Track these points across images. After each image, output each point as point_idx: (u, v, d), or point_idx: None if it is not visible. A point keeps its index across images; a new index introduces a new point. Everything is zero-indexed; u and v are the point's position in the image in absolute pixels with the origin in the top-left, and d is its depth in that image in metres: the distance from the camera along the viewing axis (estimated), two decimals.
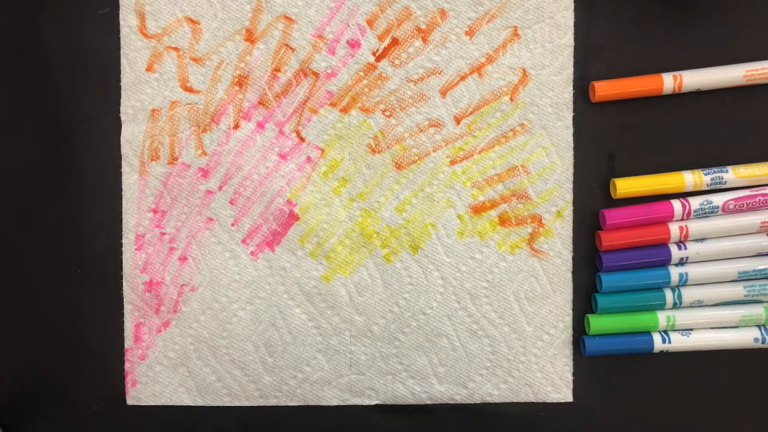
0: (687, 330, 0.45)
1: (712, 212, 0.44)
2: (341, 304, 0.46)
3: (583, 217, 0.46)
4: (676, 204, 0.44)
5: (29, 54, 0.46)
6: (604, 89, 0.45)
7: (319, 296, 0.46)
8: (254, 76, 0.46)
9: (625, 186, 0.45)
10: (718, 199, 0.44)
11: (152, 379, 0.47)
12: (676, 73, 0.44)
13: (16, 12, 0.46)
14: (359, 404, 0.46)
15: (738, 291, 0.45)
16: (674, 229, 0.44)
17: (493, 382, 0.46)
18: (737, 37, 0.46)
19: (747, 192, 0.44)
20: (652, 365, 0.46)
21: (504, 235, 0.46)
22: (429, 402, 0.46)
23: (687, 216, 0.44)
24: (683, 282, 0.44)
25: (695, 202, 0.44)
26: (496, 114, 0.45)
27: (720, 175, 0.44)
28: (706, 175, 0.44)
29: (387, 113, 0.46)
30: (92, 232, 0.47)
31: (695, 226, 0.44)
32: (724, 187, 0.44)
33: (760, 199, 0.44)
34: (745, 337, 0.45)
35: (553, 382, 0.46)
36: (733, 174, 0.44)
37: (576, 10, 0.45)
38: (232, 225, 0.46)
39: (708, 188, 0.45)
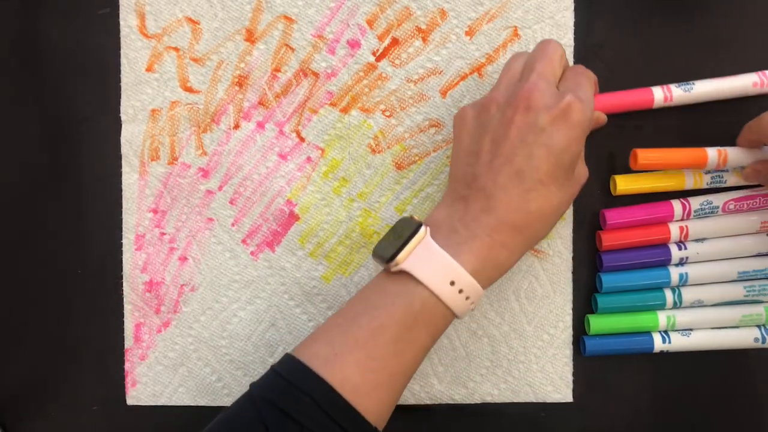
0: (687, 330, 0.45)
1: (712, 212, 0.44)
2: (341, 305, 0.46)
3: (583, 217, 0.46)
4: (677, 204, 0.44)
5: (29, 54, 0.46)
6: (647, 158, 0.44)
7: (319, 296, 0.46)
8: (254, 76, 0.46)
9: (625, 183, 0.45)
10: (718, 200, 0.44)
11: (152, 379, 0.47)
12: (720, 148, 0.43)
13: (16, 12, 0.46)
14: None
15: (738, 291, 0.45)
16: (674, 229, 0.44)
17: (492, 381, 0.46)
18: (737, 35, 0.45)
19: (747, 192, 0.44)
20: (652, 365, 0.46)
21: None
22: (429, 402, 0.46)
23: (687, 216, 0.44)
24: (683, 282, 0.44)
25: (695, 203, 0.44)
26: None
27: (720, 174, 0.44)
28: (706, 174, 0.44)
29: (387, 113, 0.46)
30: (92, 232, 0.47)
31: (695, 226, 0.44)
32: (724, 186, 0.44)
33: (760, 200, 0.44)
34: (745, 337, 0.45)
35: (553, 381, 0.46)
36: (733, 173, 0.44)
37: (576, 10, 0.45)
38: (232, 225, 0.46)
39: (708, 187, 0.44)
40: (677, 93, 0.43)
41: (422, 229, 0.37)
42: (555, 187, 0.37)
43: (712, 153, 0.43)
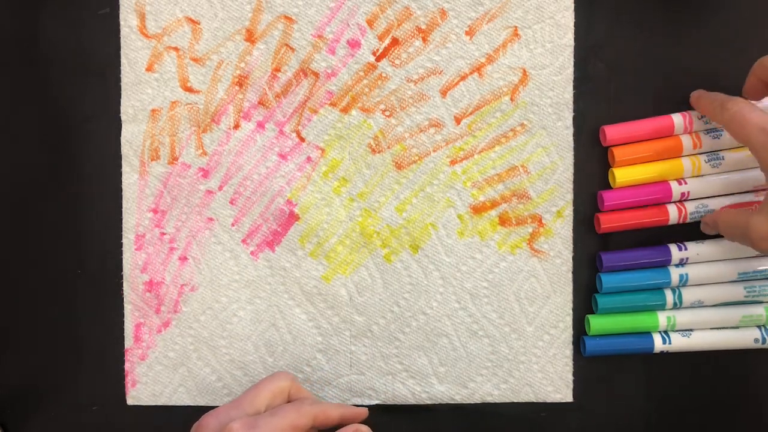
0: (687, 330, 0.45)
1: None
2: (341, 304, 0.46)
3: (583, 217, 0.46)
4: (674, 184, 0.44)
5: (29, 54, 0.46)
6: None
7: (319, 296, 0.46)
8: (254, 76, 0.46)
9: (624, 175, 0.44)
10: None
11: (152, 379, 0.47)
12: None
13: (16, 12, 0.46)
14: (359, 404, 0.46)
15: (738, 291, 0.45)
16: (672, 210, 0.44)
17: (493, 382, 0.46)
18: (737, 36, 0.46)
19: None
20: (652, 365, 0.46)
21: (504, 235, 0.46)
22: (429, 402, 0.46)
23: (685, 196, 0.44)
24: (683, 282, 0.44)
25: (691, 207, 0.44)
26: (497, 114, 0.45)
27: (718, 161, 0.44)
28: (705, 163, 0.44)
29: (387, 113, 0.46)
30: (92, 232, 0.47)
31: (693, 208, 0.44)
32: (721, 170, 0.44)
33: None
34: (745, 337, 0.45)
35: (553, 382, 0.46)
36: (729, 152, 0.44)
37: (576, 10, 0.45)
38: (232, 225, 0.46)
39: (706, 174, 0.44)
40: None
41: None
42: None
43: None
